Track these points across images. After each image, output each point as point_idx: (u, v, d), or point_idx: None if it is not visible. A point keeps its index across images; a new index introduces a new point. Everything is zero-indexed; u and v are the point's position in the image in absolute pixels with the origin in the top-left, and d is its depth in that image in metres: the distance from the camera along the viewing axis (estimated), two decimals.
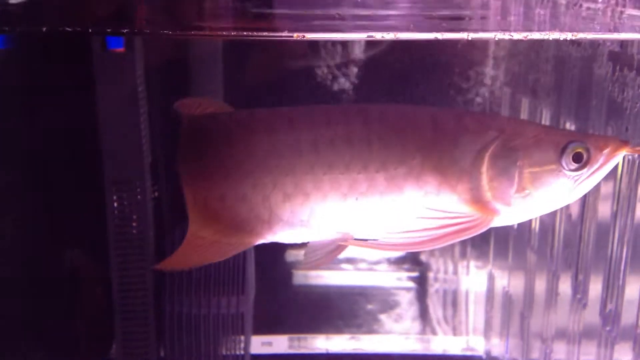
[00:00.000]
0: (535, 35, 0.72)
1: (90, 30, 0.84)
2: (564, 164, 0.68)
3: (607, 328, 0.81)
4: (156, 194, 1.12)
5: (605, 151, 0.68)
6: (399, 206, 0.71)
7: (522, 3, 0.87)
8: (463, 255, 1.31)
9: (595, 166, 0.69)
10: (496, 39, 0.71)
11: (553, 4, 0.86)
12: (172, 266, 0.81)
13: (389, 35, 0.71)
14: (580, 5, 0.81)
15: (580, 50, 0.88)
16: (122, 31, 0.85)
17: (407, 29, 0.73)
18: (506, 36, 0.70)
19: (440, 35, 0.71)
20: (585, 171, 0.68)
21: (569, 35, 0.71)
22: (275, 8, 0.77)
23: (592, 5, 0.80)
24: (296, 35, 0.71)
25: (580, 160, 0.68)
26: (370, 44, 1.16)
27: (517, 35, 0.71)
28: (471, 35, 0.72)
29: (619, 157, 0.69)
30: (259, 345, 1.28)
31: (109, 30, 0.84)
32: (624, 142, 0.69)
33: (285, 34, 0.72)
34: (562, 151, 0.68)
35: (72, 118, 1.10)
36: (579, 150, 0.68)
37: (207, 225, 0.74)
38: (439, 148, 0.70)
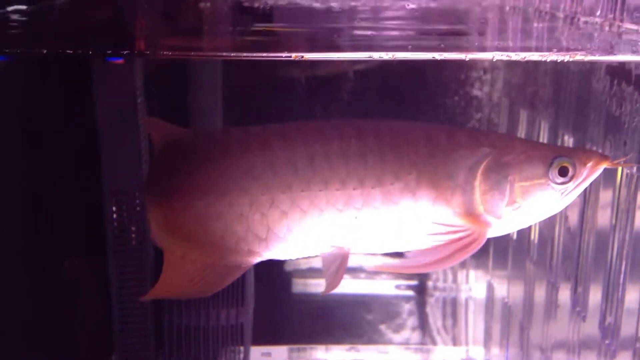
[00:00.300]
0: (534, 57, 0.73)
1: (90, 52, 0.83)
2: (551, 177, 0.71)
3: (607, 341, 0.81)
4: None
5: (589, 165, 0.72)
6: (395, 220, 0.73)
7: (521, 17, 0.87)
8: (462, 265, 1.31)
9: (580, 179, 0.72)
10: (494, 59, 0.71)
11: (551, 17, 0.87)
12: (163, 294, 0.80)
13: (387, 56, 0.71)
14: (579, 20, 0.82)
15: (578, 64, 0.88)
16: (122, 52, 0.85)
17: (405, 49, 0.73)
18: (504, 57, 0.71)
19: (438, 56, 0.72)
20: (571, 184, 0.72)
21: (566, 58, 0.71)
22: (275, 24, 0.77)
23: (590, 19, 0.80)
24: (294, 56, 0.71)
25: (567, 174, 0.72)
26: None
27: (515, 57, 0.72)
28: (469, 56, 0.73)
29: (600, 170, 0.73)
30: (259, 356, 1.28)
31: (109, 52, 0.84)
32: (605, 157, 0.73)
33: (284, 54, 0.72)
34: (550, 166, 0.70)
35: (71, 129, 1.10)
36: (565, 164, 0.72)
37: (198, 247, 0.75)
38: (433, 163, 0.72)
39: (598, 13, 0.78)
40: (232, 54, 0.78)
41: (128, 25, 0.89)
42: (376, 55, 0.71)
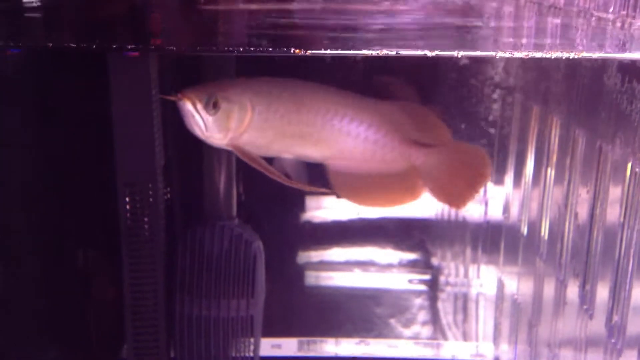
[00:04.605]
0: (537, 54, 0.72)
1: (109, 47, 0.84)
2: None
3: (613, 340, 0.81)
4: (168, 195, 1.13)
5: None
6: None
7: (535, 12, 0.86)
8: (474, 260, 1.31)
9: None
10: (497, 57, 0.70)
11: (565, 13, 0.86)
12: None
13: (391, 52, 0.71)
14: (592, 15, 0.81)
15: (590, 61, 0.88)
16: (138, 47, 0.86)
17: (406, 44, 0.73)
18: (507, 54, 0.70)
19: (429, 53, 0.71)
20: None
21: (571, 55, 0.70)
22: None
23: (603, 15, 0.80)
24: (298, 51, 0.71)
25: None
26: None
27: (518, 54, 0.71)
28: (461, 54, 0.72)
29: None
30: (269, 348, 1.29)
31: (129, 46, 0.85)
32: None
33: (283, 50, 0.72)
34: None
35: (86, 120, 1.11)
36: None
37: None
38: None
39: (611, 10, 0.77)
40: (246, 48, 0.78)
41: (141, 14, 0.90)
42: (382, 52, 0.70)
